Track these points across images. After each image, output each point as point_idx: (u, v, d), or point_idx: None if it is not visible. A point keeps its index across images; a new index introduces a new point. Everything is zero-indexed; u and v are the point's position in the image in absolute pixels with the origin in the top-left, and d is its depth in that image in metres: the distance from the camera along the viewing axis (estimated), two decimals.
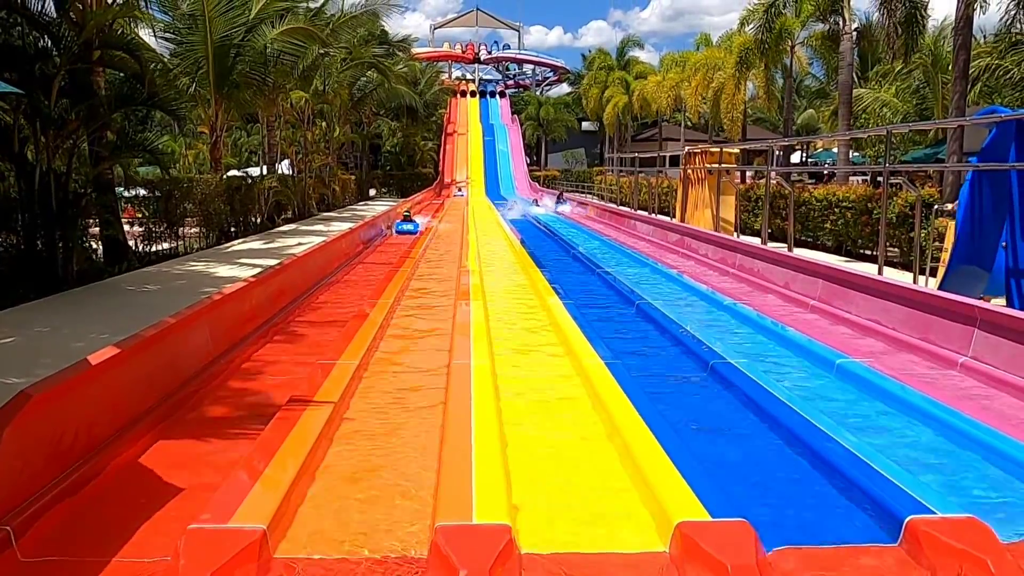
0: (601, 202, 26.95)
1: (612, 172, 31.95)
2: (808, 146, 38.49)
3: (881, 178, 10.11)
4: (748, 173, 21.98)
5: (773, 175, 13.63)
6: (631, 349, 6.91)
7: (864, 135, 22.78)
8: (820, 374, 6.03)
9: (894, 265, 10.50)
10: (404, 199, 29.61)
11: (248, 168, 31.83)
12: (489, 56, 62.97)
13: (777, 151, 19.19)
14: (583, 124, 55.51)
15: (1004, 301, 7.13)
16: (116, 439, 3.97)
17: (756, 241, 12.12)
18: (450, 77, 58.66)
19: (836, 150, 25.51)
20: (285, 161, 24.14)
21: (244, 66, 15.44)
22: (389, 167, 43.14)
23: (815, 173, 27.36)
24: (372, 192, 35.08)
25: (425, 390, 5.55)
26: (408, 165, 42.62)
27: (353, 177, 31.27)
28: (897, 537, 3.29)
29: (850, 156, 23.50)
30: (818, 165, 34.79)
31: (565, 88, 63.40)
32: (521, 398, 5.38)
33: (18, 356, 4.85)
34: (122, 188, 12.57)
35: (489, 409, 4.74)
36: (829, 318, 7.93)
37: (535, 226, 21.17)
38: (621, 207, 22.66)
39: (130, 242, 12.08)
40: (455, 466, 3.82)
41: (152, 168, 16.35)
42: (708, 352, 6.47)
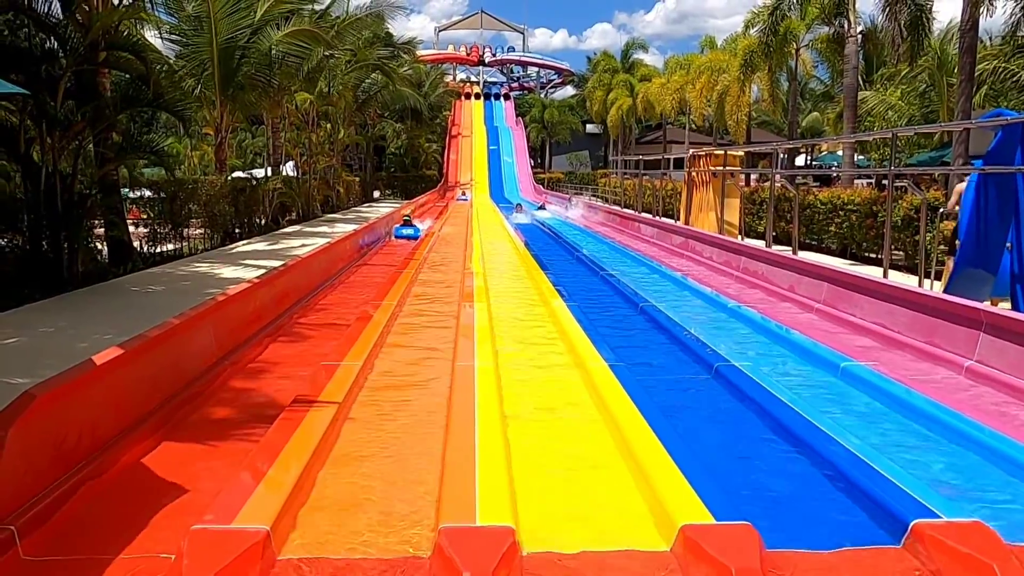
0: (608, 205, 26.82)
1: (616, 174, 31.95)
2: (813, 149, 38.43)
3: (886, 181, 10.09)
4: (752, 176, 21.96)
5: (778, 178, 13.60)
6: (636, 355, 6.90)
7: (869, 138, 22.69)
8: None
9: (899, 268, 10.47)
10: (408, 201, 29.64)
11: (252, 170, 31.92)
12: (493, 58, 63.07)
13: (782, 154, 19.19)
14: (587, 127, 55.55)
15: (1010, 304, 7.12)
16: (120, 440, 3.97)
17: (760, 244, 12.09)
18: (454, 79, 58.73)
19: (841, 153, 25.43)
20: (290, 163, 24.17)
21: (249, 68, 15.47)
22: (393, 169, 43.18)
23: (820, 176, 27.30)
24: (376, 194, 35.12)
25: (429, 391, 5.55)
26: (412, 167, 42.66)
27: (357, 179, 31.31)
28: (899, 539, 3.28)
29: (855, 159, 23.45)
30: (823, 168, 34.72)
31: (569, 91, 63.50)
32: (523, 401, 5.37)
33: (22, 356, 4.86)
34: (127, 189, 12.60)
35: (492, 411, 4.73)
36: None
37: (542, 230, 21.13)
38: (625, 210, 22.64)
39: (135, 243, 12.12)
40: (459, 468, 3.81)
41: (157, 169, 16.41)
42: (712, 355, 6.46)
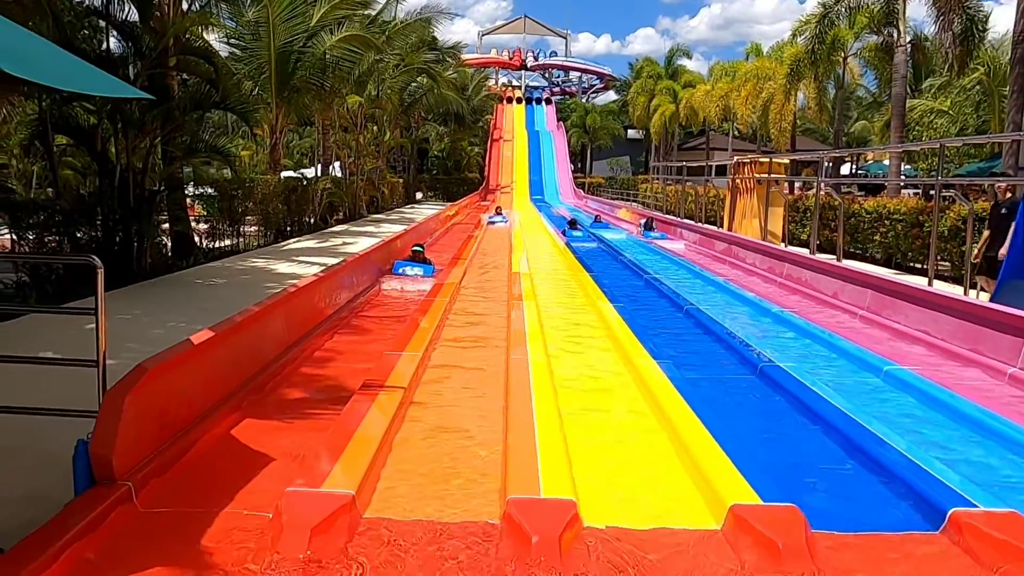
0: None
1: (658, 180, 32.01)
2: (859, 158, 37.99)
3: (933, 191, 10.12)
4: (796, 184, 21.90)
5: (823, 186, 13.66)
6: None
7: (917, 148, 22.50)
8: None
9: (944, 279, 10.48)
10: (451, 203, 30.01)
11: (301, 170, 32.67)
12: (536, 63, 63.41)
13: (827, 162, 19.13)
14: (628, 132, 55.52)
15: None
16: (210, 414, 4.34)
17: (804, 252, 12.19)
18: (496, 83, 59.20)
19: (887, 162, 25.20)
20: (336, 163, 24.77)
21: (304, 72, 16.03)
22: (436, 171, 43.74)
23: (866, 185, 27.06)
24: (419, 196, 35.66)
25: (487, 375, 5.93)
26: (455, 170, 43.17)
27: (401, 180, 31.85)
28: (938, 527, 3.48)
29: (901, 169, 23.23)
30: (868, 177, 34.33)
31: (611, 96, 63.47)
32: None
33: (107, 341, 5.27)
34: (190, 187, 13.20)
35: (548, 399, 5.04)
36: None
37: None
38: (668, 216, 22.68)
39: (195, 238, 12.71)
40: (521, 449, 4.10)
41: (214, 167, 17.05)
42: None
